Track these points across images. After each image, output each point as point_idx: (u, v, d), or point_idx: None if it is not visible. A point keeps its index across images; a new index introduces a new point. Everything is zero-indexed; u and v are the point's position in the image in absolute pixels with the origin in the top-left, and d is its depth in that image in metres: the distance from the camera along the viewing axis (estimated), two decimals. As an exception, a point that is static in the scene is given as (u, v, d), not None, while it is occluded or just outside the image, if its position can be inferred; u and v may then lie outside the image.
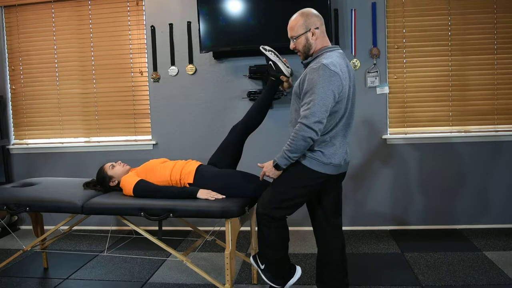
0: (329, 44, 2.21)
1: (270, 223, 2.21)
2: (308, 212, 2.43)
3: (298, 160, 2.15)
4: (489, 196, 3.75)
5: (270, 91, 2.60)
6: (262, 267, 2.33)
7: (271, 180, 2.32)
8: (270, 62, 2.47)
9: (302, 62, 2.25)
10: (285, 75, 2.45)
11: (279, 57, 2.47)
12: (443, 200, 3.79)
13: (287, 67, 2.46)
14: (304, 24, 2.14)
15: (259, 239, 2.31)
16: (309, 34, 2.15)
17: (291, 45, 2.22)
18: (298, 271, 2.36)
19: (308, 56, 2.20)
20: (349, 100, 2.15)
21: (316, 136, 2.03)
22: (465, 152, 3.74)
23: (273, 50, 2.49)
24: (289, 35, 2.21)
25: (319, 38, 2.17)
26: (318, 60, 2.10)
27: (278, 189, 2.20)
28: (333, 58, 2.09)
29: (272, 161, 2.17)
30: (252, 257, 2.43)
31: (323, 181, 2.19)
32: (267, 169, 2.20)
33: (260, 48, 2.51)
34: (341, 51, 2.21)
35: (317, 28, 2.15)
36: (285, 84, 2.50)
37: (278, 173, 2.18)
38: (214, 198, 2.39)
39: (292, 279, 2.34)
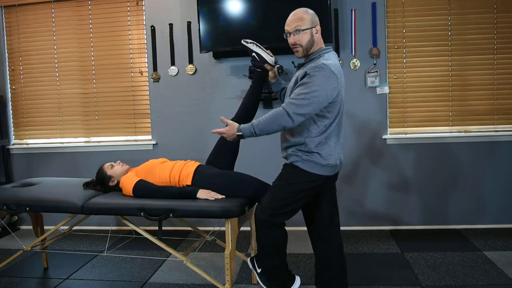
0: (324, 45, 2.22)
1: (269, 229, 2.21)
2: (304, 215, 2.42)
3: (295, 165, 2.16)
4: (489, 196, 3.75)
5: (257, 83, 2.59)
6: (259, 271, 2.33)
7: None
8: (254, 54, 2.47)
9: (292, 62, 2.24)
10: (269, 64, 2.45)
11: (261, 48, 2.47)
12: (443, 200, 3.79)
13: (271, 56, 2.45)
14: (312, 20, 2.14)
15: (257, 244, 2.31)
16: (314, 30, 2.14)
17: (292, 39, 2.15)
18: (297, 281, 2.36)
19: (308, 53, 2.17)
20: (342, 101, 2.17)
21: (290, 127, 2.03)
22: (465, 152, 3.74)
23: (255, 42, 2.49)
24: (292, 27, 2.13)
25: (319, 38, 2.18)
26: (318, 61, 2.10)
27: (278, 195, 2.19)
28: (332, 59, 2.11)
29: (236, 126, 2.12)
30: (250, 259, 2.42)
31: (321, 183, 2.19)
32: (228, 132, 2.14)
33: (242, 41, 2.51)
34: (335, 52, 2.24)
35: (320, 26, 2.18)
36: (271, 74, 2.49)
37: (235, 136, 2.12)
38: (214, 198, 2.38)
39: None
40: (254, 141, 3.68)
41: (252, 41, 2.50)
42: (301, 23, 2.13)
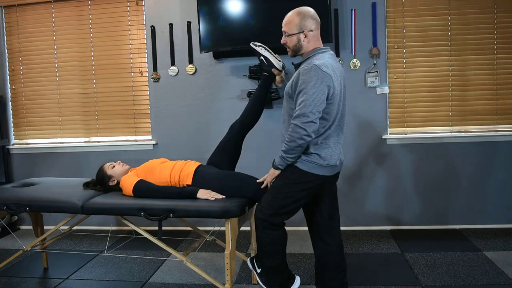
0: (321, 45, 2.21)
1: (269, 229, 2.21)
2: (305, 215, 2.43)
3: (295, 165, 2.16)
4: (489, 196, 3.75)
5: (264, 87, 2.61)
6: (258, 271, 2.34)
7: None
8: (262, 58, 2.48)
9: (293, 63, 2.25)
10: (276, 68, 2.45)
11: (270, 52, 2.48)
12: (443, 200, 3.79)
13: (279, 60, 2.46)
14: (299, 25, 2.13)
15: (257, 244, 2.31)
16: (302, 36, 2.14)
17: (282, 40, 2.21)
18: (297, 281, 2.36)
19: (296, 54, 2.21)
20: (340, 101, 2.16)
21: (308, 137, 2.03)
22: (465, 152, 3.74)
23: (264, 46, 2.49)
24: (282, 29, 2.20)
25: (311, 41, 2.16)
26: (310, 61, 2.10)
27: (277, 195, 2.20)
28: (325, 59, 2.09)
29: (272, 168, 2.23)
30: (249, 259, 2.43)
31: (321, 183, 2.20)
32: (269, 175, 2.27)
33: (251, 44, 2.51)
34: (332, 52, 2.21)
35: (311, 31, 2.14)
36: (278, 79, 2.51)
37: (277, 172, 2.21)
38: (214, 198, 2.38)
39: None
40: (254, 141, 3.69)
41: (260, 44, 2.50)
42: (287, 28, 2.17)
